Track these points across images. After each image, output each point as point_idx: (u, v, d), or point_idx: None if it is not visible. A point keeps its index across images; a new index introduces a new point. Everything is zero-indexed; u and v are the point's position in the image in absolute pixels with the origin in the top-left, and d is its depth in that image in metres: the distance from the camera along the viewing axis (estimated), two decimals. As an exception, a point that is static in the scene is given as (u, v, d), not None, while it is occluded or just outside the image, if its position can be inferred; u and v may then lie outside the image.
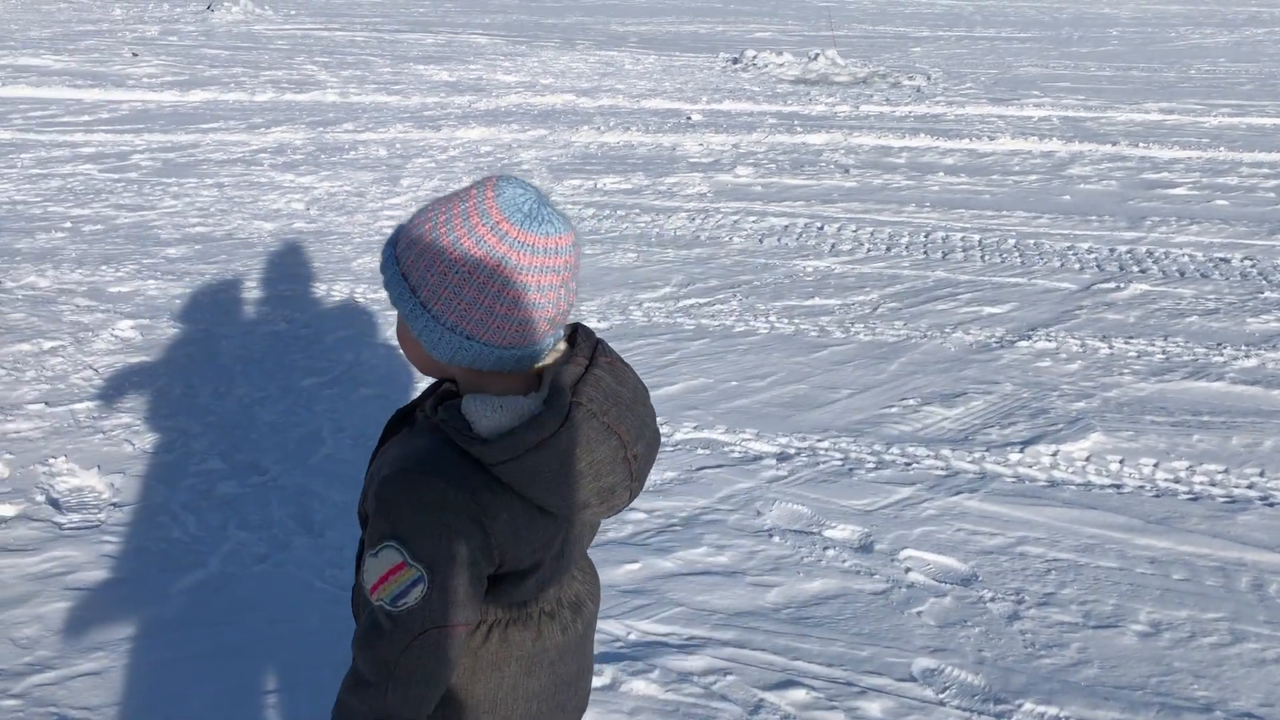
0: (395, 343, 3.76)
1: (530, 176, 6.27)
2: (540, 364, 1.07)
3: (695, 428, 3.20)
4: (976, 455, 3.04)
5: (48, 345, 3.66)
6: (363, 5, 17.55)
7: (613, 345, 3.56)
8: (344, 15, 15.84)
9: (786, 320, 4.09)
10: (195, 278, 4.40)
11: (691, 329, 3.99)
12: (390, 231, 4.18)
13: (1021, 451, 3.06)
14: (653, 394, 3.48)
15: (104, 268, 4.49)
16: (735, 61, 11.26)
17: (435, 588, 1.01)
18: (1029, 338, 3.91)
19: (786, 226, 5.31)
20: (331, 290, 4.30)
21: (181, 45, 12.01)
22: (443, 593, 1.02)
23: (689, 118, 8.17)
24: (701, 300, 4.29)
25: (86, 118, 7.97)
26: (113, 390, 3.34)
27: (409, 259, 1.03)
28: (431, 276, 1.01)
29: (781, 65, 10.94)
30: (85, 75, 9.68)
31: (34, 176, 6.16)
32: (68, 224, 5.16)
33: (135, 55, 10.91)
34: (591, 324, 4.00)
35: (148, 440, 3.03)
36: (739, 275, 4.60)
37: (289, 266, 4.59)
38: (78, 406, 3.22)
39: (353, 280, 4.42)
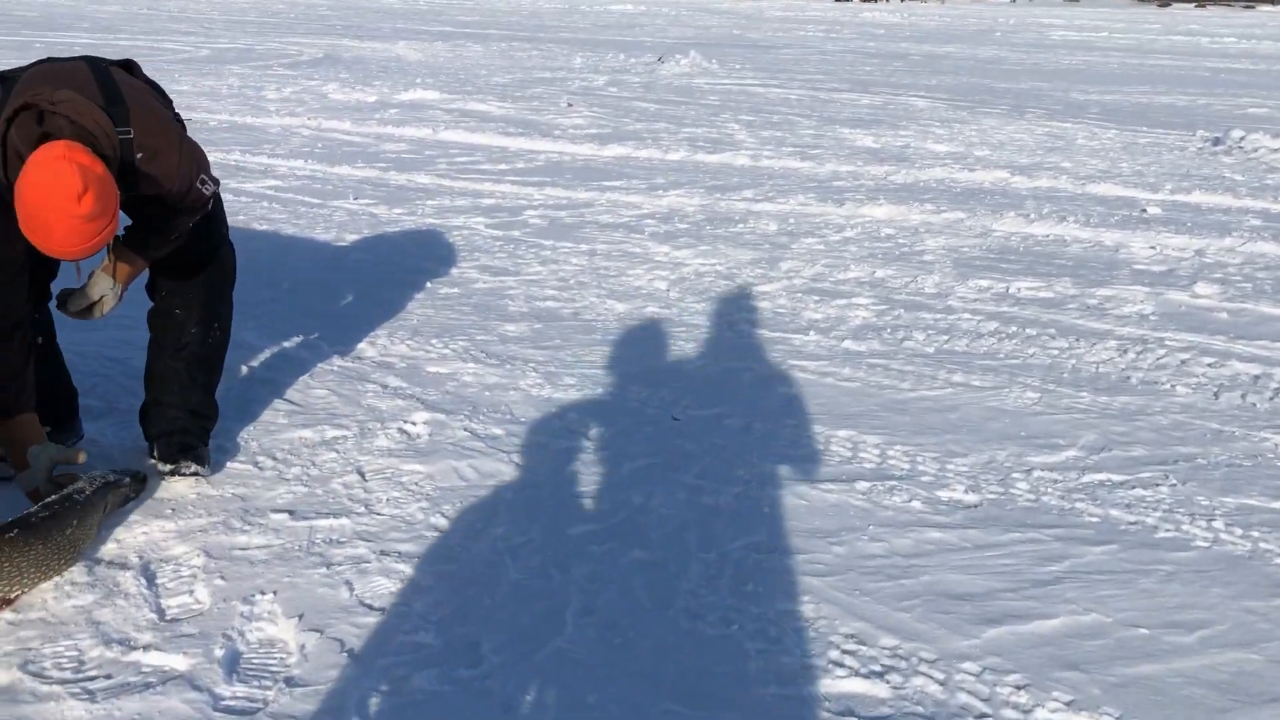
0: (698, 508, 3.04)
1: (931, 270, 5.35)
2: None
3: (1068, 705, 2.19)
4: None
5: (330, 434, 3.32)
6: (810, 62, 17.24)
7: (977, 533, 2.56)
8: (786, 72, 15.56)
9: (1239, 531, 2.90)
10: (517, 365, 3.95)
11: (1095, 523, 2.92)
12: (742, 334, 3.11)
13: None
14: (1017, 628, 2.51)
15: (434, 341, 4.18)
16: (1216, 142, 9.53)
17: None
18: None
19: (1258, 378, 4.00)
20: (649, 400, 3.67)
21: (618, 97, 12.20)
22: None
23: (1144, 209, 6.81)
24: (1117, 477, 3.19)
25: (502, 167, 8.07)
26: (363, 506, 2.90)
27: None
28: None
29: (1277, 151, 9.07)
30: (518, 123, 9.97)
31: (427, 227, 6.15)
32: (428, 284, 4.98)
33: (570, 105, 11.17)
34: (956, 494, 3.07)
35: (368, 588, 2.52)
36: (1177, 445, 3.42)
37: (618, 363, 4.03)
38: (319, 524, 2.80)
39: (679, 391, 3.77)
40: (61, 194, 2.31)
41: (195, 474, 2.99)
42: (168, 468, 2.99)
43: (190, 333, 3.02)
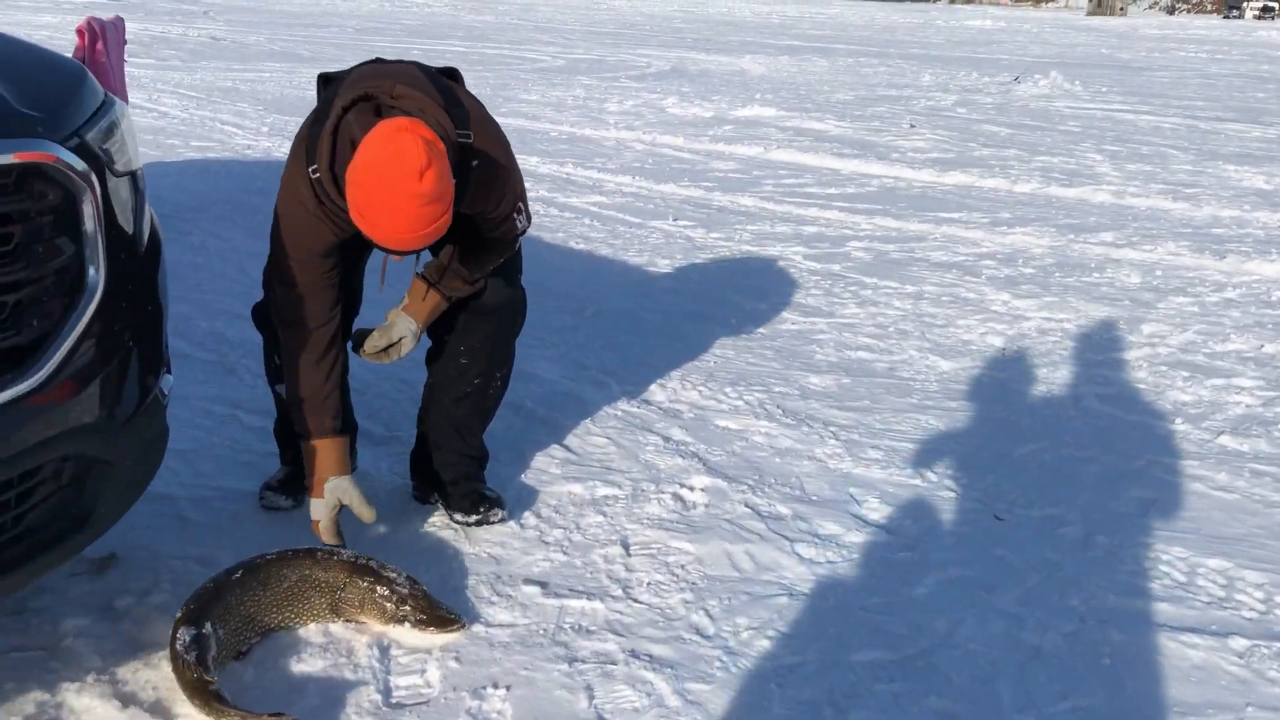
0: (1016, 646, 2.48)
1: (1338, 350, 4.39)
2: None
3: None
4: None
5: (601, 493, 3.03)
6: (1189, 87, 15.51)
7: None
8: (1161, 97, 14.04)
9: None
10: (816, 428, 3.51)
11: None
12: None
13: None
14: None
15: (729, 389, 3.82)
16: None
17: None
18: None
19: None
20: (968, 489, 3.12)
21: (966, 118, 11.40)
22: None
23: None
24: None
25: (831, 191, 7.62)
26: (621, 588, 2.57)
27: None
28: None
29: None
30: (853, 144, 9.47)
31: (742, 255, 5.83)
32: (732, 320, 4.63)
33: (912, 126, 10.52)
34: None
35: (609, 698, 2.18)
36: None
37: (934, 437, 3.50)
38: (571, 605, 2.50)
39: (1004, 480, 3.18)
40: (403, 168, 2.08)
41: (502, 520, 2.81)
42: (473, 518, 2.80)
43: (473, 382, 2.81)
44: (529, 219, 2.67)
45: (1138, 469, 3.30)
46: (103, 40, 5.24)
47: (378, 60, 2.58)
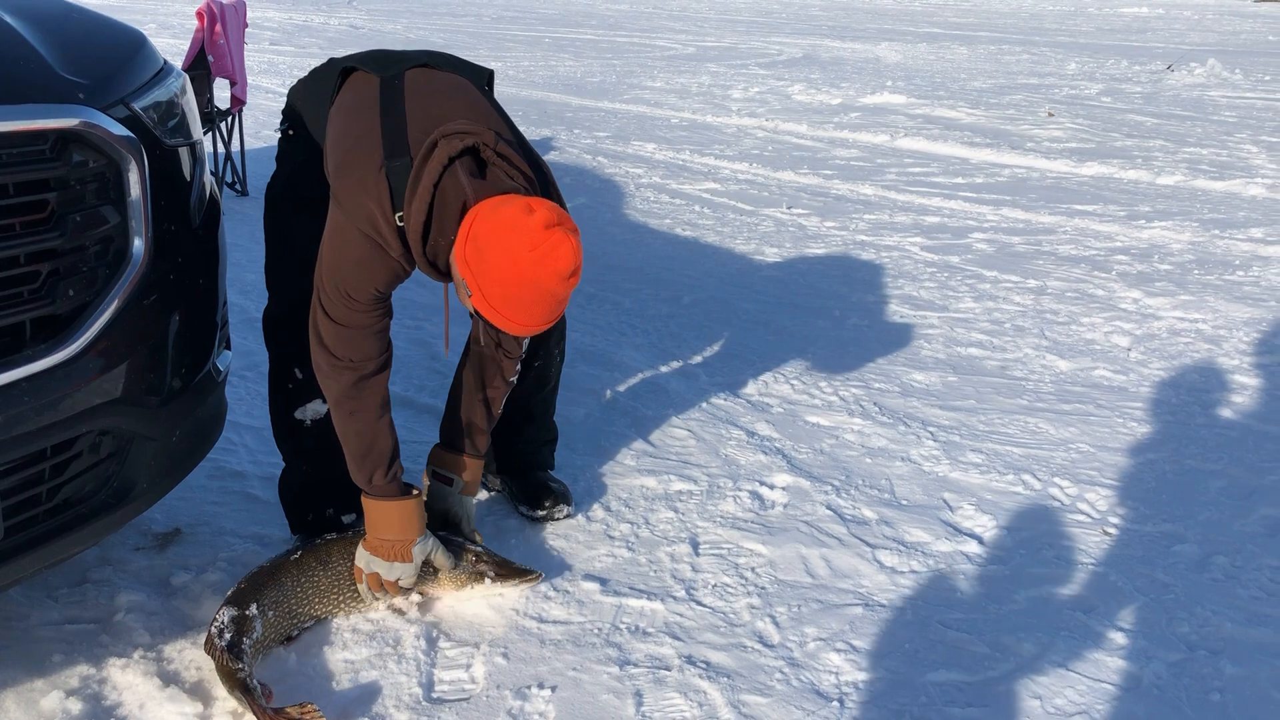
0: (1113, 675, 2.24)
1: None
2: None
3: None
4: None
5: (675, 487, 2.89)
6: (1362, 73, 14.41)
7: None
8: (1329, 84, 13.08)
9: None
10: (914, 428, 3.31)
11: None
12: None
13: None
14: None
15: (823, 384, 3.63)
16: None
17: None
18: None
19: None
20: (1075, 500, 2.87)
21: (1110, 108, 10.82)
22: None
23: None
24: None
25: (957, 180, 7.29)
26: (684, 589, 2.43)
27: None
28: None
29: None
30: (986, 132, 9.07)
31: (856, 244, 5.60)
32: (836, 312, 4.43)
33: (1050, 114, 10.03)
34: None
35: (658, 705, 2.05)
36: None
37: (1042, 442, 3.25)
38: (630, 604, 2.37)
39: (1118, 492, 2.93)
40: (553, 270, 1.87)
41: (568, 516, 2.71)
42: (539, 514, 2.70)
43: (534, 365, 2.69)
44: None
45: (1269, 485, 3.00)
46: (222, 23, 5.34)
47: (424, 66, 2.29)
